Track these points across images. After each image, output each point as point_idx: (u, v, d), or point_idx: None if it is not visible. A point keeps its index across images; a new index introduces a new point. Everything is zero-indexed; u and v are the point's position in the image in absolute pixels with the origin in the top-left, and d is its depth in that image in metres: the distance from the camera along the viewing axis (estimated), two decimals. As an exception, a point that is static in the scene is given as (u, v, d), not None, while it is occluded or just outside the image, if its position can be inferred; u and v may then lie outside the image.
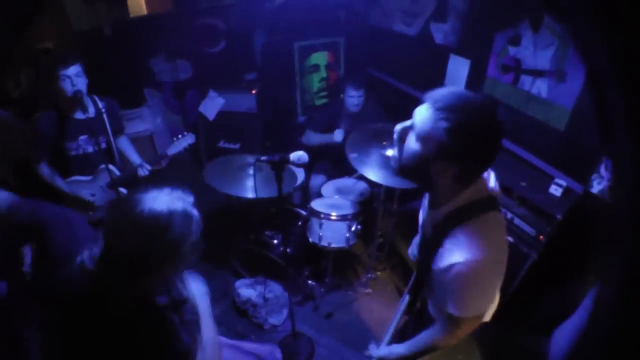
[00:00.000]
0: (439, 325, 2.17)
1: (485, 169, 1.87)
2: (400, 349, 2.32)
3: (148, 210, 1.65)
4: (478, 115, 1.67)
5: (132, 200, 1.68)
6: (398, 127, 1.90)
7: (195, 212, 1.79)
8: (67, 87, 3.41)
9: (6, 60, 4.43)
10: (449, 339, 2.13)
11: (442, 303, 1.97)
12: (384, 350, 2.38)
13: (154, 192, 1.72)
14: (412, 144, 1.80)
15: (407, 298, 2.58)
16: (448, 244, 1.85)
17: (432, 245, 1.95)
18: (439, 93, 1.74)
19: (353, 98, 4.57)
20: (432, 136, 1.69)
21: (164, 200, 1.70)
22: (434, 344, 2.21)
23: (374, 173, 3.63)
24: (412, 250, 2.85)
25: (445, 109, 1.66)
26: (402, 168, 1.91)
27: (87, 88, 3.54)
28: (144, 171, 3.81)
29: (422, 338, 2.26)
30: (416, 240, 2.88)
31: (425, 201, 2.24)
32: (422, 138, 1.74)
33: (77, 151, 3.68)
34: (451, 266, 1.80)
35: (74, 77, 3.42)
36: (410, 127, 1.83)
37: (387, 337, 2.42)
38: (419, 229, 2.40)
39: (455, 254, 1.80)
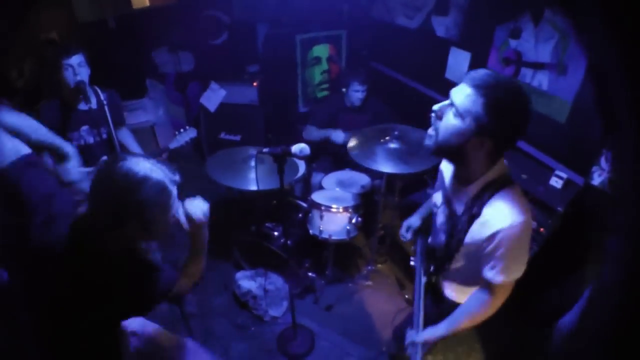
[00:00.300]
0: (475, 299, 2.30)
1: (514, 145, 2.00)
2: (440, 330, 2.36)
3: (126, 168, 1.75)
4: (512, 92, 1.87)
5: (118, 159, 1.78)
6: (436, 106, 2.03)
7: (172, 189, 1.87)
8: (70, 77, 3.40)
9: (10, 50, 4.43)
10: (487, 309, 2.24)
11: (479, 274, 2.16)
12: (424, 334, 2.39)
13: (141, 158, 1.82)
14: (451, 120, 1.94)
15: (423, 281, 2.62)
16: (488, 214, 2.04)
17: (467, 222, 2.12)
18: (477, 73, 1.91)
19: (358, 92, 4.58)
20: (471, 111, 1.86)
21: (144, 165, 1.79)
22: (472, 318, 2.30)
23: (383, 165, 3.64)
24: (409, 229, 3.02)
25: (483, 87, 1.84)
26: (439, 145, 2.03)
27: (89, 78, 3.53)
28: None
29: (459, 315, 2.35)
30: (410, 221, 3.06)
31: (445, 183, 2.39)
32: (462, 114, 1.89)
33: (78, 142, 3.65)
34: (496, 233, 1.98)
35: (76, 67, 3.40)
36: (449, 106, 1.97)
37: (420, 321, 2.42)
38: (438, 210, 2.49)
39: (498, 220, 1.98)
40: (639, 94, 0.92)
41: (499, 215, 1.98)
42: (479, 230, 2.08)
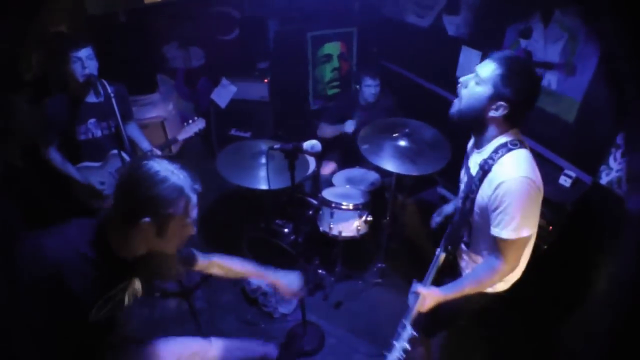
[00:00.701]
0: (483, 263, 2.49)
1: (525, 113, 2.30)
2: (446, 289, 2.49)
3: (149, 166, 1.84)
4: (524, 68, 2.23)
5: (144, 157, 1.94)
6: (462, 78, 2.37)
7: (190, 194, 1.94)
8: (78, 70, 3.40)
9: (19, 43, 4.45)
10: (494, 273, 2.39)
11: (489, 234, 2.31)
12: (430, 288, 2.54)
13: (165, 161, 1.92)
14: (473, 87, 2.29)
15: (441, 254, 2.74)
16: (495, 169, 2.25)
17: (479, 180, 2.33)
18: (500, 52, 2.25)
19: (370, 87, 4.60)
20: (491, 78, 2.19)
21: (167, 167, 1.87)
22: (479, 282, 2.45)
23: (389, 163, 3.63)
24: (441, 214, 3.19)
25: (503, 60, 2.18)
26: (462, 110, 2.36)
27: (98, 71, 3.52)
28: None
29: (467, 277, 2.54)
30: (444, 208, 3.20)
31: (470, 150, 2.64)
32: (483, 81, 2.22)
33: (85, 135, 3.67)
34: (499, 184, 2.19)
35: (85, 60, 3.40)
36: (473, 77, 2.29)
37: (430, 277, 2.65)
38: (462, 182, 2.67)
39: (502, 174, 2.20)
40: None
41: (503, 169, 2.21)
42: (487, 186, 2.29)
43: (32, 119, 3.83)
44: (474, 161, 2.47)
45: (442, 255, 2.71)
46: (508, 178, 2.16)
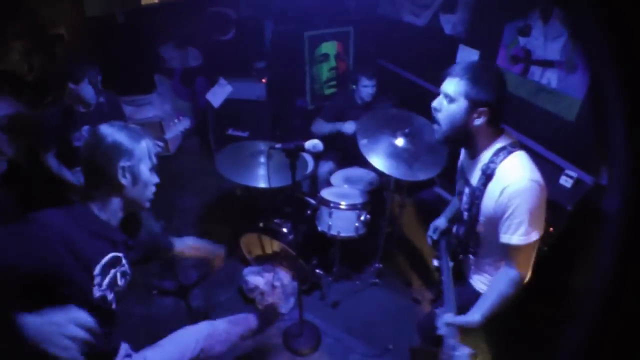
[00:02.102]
0: (500, 277, 2.42)
1: (503, 107, 2.27)
2: (475, 316, 2.37)
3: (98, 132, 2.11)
4: (484, 67, 2.29)
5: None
6: (434, 103, 2.36)
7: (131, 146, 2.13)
8: (88, 91, 3.60)
9: (19, 44, 4.47)
10: (515, 284, 2.35)
11: (498, 242, 2.31)
12: (461, 319, 2.39)
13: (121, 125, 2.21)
14: (447, 107, 2.28)
15: (449, 265, 2.72)
16: (499, 173, 2.25)
17: (482, 186, 2.34)
18: (452, 67, 2.29)
19: (367, 87, 4.59)
20: (460, 92, 2.20)
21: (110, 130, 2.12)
22: (504, 297, 2.36)
23: (381, 162, 3.63)
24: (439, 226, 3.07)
25: (461, 71, 2.21)
26: (446, 133, 2.35)
27: (98, 87, 3.64)
28: None
29: (489, 296, 2.42)
30: (437, 223, 3.09)
31: (464, 162, 2.64)
32: (454, 98, 2.23)
33: (80, 141, 3.77)
34: (505, 188, 2.18)
35: (81, 91, 3.59)
36: (443, 98, 2.30)
37: (453, 302, 2.46)
38: (462, 191, 2.64)
39: (507, 177, 2.20)
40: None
41: (508, 173, 2.21)
42: (492, 191, 2.28)
43: (33, 125, 3.91)
44: (472, 171, 2.46)
45: (451, 265, 2.71)
46: (513, 181, 2.16)
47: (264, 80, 5.74)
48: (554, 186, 3.46)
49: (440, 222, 3.07)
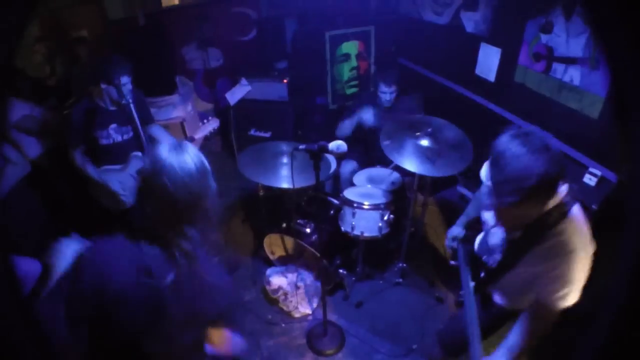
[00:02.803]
0: (527, 319, 2.26)
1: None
2: (511, 352, 2.27)
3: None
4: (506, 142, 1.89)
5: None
6: (484, 216, 2.32)
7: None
8: (113, 93, 3.56)
9: (42, 47, 4.51)
10: (541, 328, 2.21)
11: (533, 288, 2.18)
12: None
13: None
14: (515, 211, 1.93)
15: (472, 298, 2.54)
16: (553, 239, 2.04)
17: (526, 244, 2.14)
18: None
19: (385, 94, 4.54)
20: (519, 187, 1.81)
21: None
22: (529, 338, 2.24)
23: (409, 162, 3.61)
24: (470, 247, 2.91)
25: (491, 161, 1.95)
26: (523, 226, 2.12)
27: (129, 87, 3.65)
28: None
29: (515, 337, 2.28)
30: (454, 232, 3.03)
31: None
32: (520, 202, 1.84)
33: (107, 140, 3.76)
34: (558, 254, 2.01)
35: (128, 84, 3.58)
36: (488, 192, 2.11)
37: (479, 351, 2.27)
38: (490, 230, 2.51)
39: (563, 245, 2.01)
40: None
41: (565, 240, 2.01)
42: (541, 253, 2.09)
43: (57, 127, 3.94)
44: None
45: (472, 286, 2.59)
46: (571, 250, 1.99)
47: (285, 81, 5.74)
48: (578, 185, 3.43)
49: (457, 230, 3.03)
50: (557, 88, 3.87)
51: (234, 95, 5.58)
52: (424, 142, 3.73)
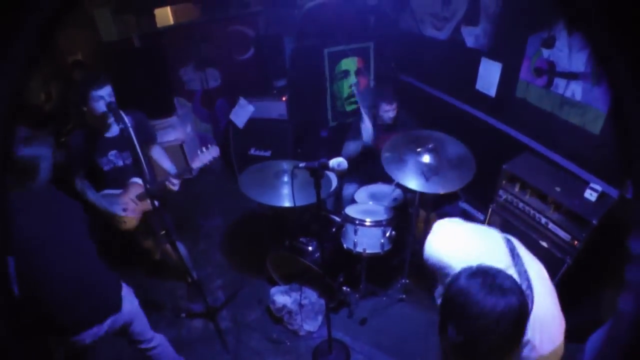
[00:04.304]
0: None
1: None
2: None
3: None
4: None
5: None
6: None
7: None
8: (100, 107, 3.42)
9: (37, 73, 4.51)
10: None
11: None
12: None
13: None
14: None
15: None
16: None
17: None
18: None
19: (388, 112, 4.56)
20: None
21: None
22: None
23: (410, 180, 3.63)
24: None
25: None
26: None
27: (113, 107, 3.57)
28: (173, 184, 3.77)
29: None
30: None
31: None
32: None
33: (108, 166, 3.74)
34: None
35: (106, 97, 3.42)
36: None
37: None
38: None
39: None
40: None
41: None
42: None
43: (57, 153, 3.94)
44: None
45: None
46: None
47: (284, 99, 5.75)
48: (579, 200, 3.42)
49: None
50: (559, 103, 3.86)
51: (239, 117, 5.60)
52: (425, 159, 3.74)
